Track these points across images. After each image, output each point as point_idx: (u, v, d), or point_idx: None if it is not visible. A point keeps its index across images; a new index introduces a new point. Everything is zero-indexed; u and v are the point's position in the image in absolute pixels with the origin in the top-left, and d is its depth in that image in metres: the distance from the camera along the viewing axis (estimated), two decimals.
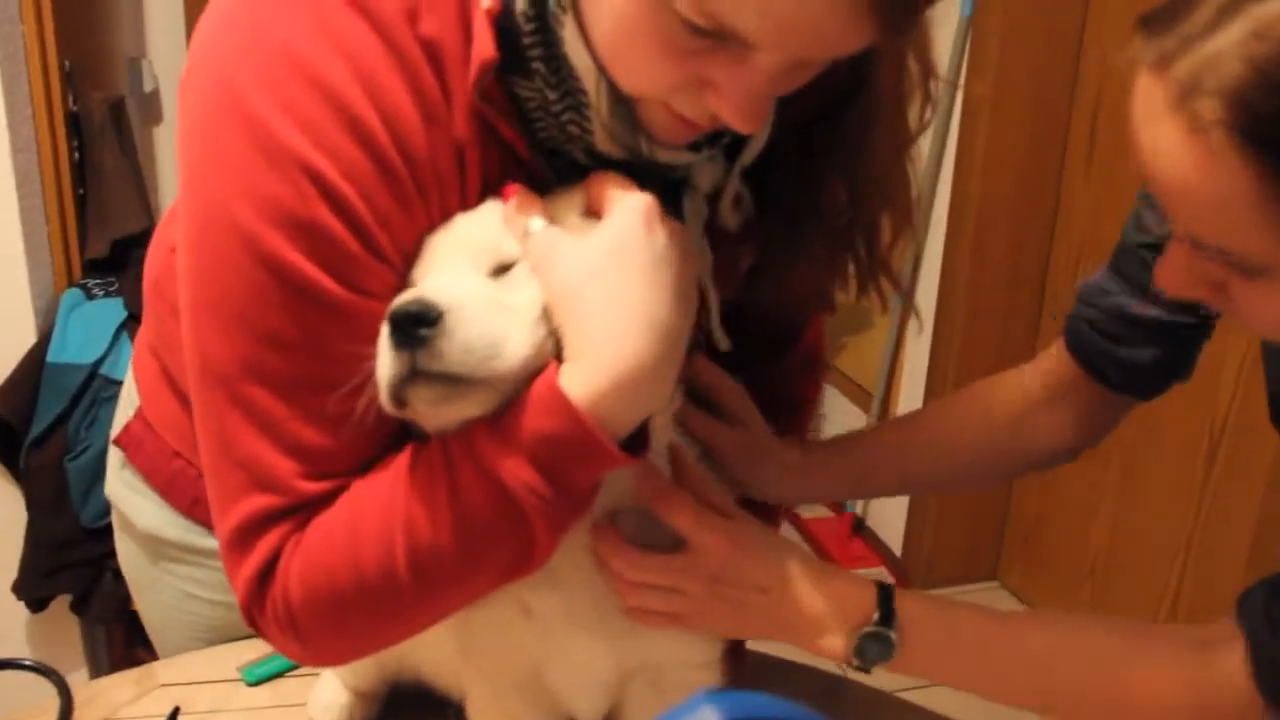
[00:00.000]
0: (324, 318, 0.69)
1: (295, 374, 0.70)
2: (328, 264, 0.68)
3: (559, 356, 0.67)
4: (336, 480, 0.73)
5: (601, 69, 0.68)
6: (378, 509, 0.71)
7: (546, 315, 0.67)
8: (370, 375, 0.67)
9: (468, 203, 0.73)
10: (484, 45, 0.68)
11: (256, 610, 0.74)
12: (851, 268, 0.85)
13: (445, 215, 0.72)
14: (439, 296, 0.64)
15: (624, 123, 0.71)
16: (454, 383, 0.64)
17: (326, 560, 0.71)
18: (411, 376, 0.64)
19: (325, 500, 0.73)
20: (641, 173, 0.74)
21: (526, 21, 0.69)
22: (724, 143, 0.76)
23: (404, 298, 0.65)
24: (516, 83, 0.72)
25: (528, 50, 0.70)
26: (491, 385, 0.65)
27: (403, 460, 0.71)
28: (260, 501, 0.72)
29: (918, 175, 0.83)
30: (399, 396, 0.65)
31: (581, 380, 0.65)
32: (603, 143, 0.73)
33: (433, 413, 0.67)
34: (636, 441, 0.69)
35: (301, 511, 0.73)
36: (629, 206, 0.69)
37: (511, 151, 0.74)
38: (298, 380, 0.70)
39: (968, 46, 2.65)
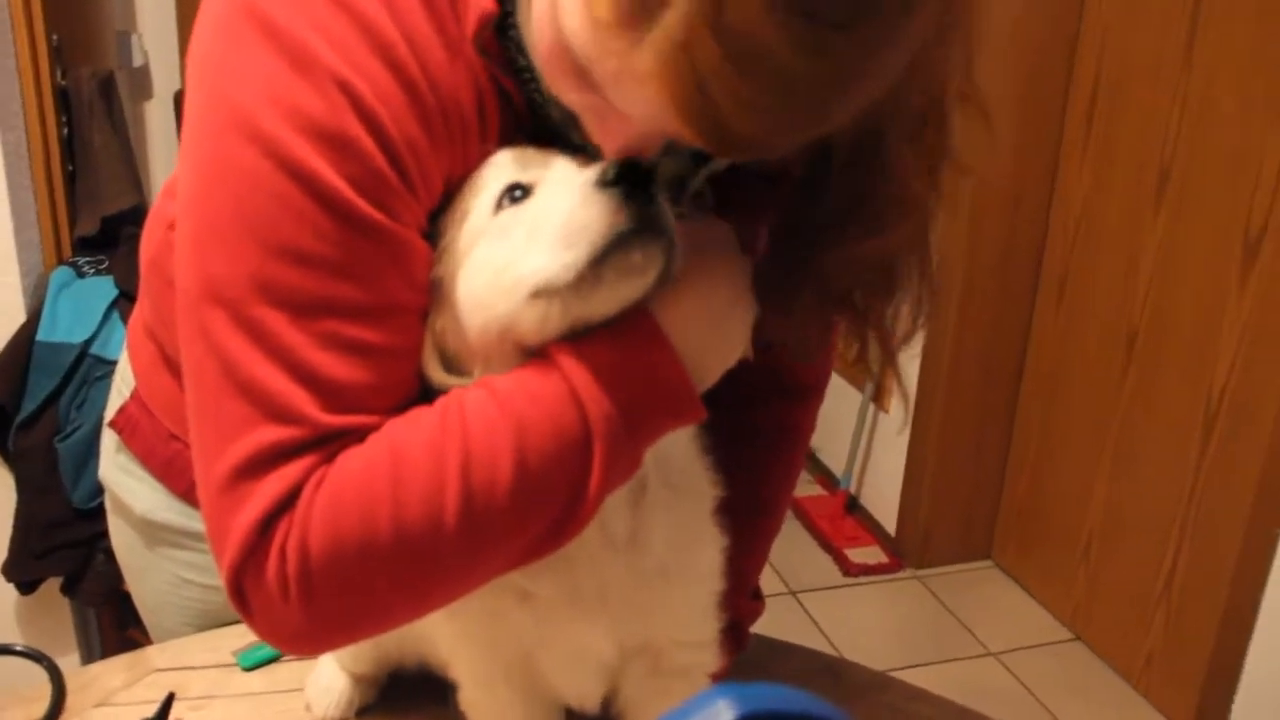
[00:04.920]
0: (348, 234, 0.64)
1: (313, 294, 0.64)
2: (356, 180, 0.64)
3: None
4: (361, 415, 0.66)
5: None
6: (427, 446, 0.64)
7: None
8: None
9: (487, 147, 0.71)
10: None
11: (252, 569, 0.65)
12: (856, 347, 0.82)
13: (466, 157, 0.70)
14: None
15: (561, 109, 0.70)
16: (663, 247, 0.64)
17: (361, 500, 0.64)
18: (635, 233, 0.63)
19: (353, 434, 0.66)
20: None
21: None
22: None
23: (610, 160, 0.63)
24: (508, 37, 0.70)
25: (509, 15, 0.70)
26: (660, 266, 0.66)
27: (455, 400, 0.66)
28: (273, 433, 0.64)
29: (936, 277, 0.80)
30: (599, 268, 0.63)
31: (672, 312, 0.67)
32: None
33: (618, 293, 0.65)
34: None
35: (327, 444, 0.65)
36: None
37: (513, 106, 0.72)
38: (315, 302, 0.64)
39: None
